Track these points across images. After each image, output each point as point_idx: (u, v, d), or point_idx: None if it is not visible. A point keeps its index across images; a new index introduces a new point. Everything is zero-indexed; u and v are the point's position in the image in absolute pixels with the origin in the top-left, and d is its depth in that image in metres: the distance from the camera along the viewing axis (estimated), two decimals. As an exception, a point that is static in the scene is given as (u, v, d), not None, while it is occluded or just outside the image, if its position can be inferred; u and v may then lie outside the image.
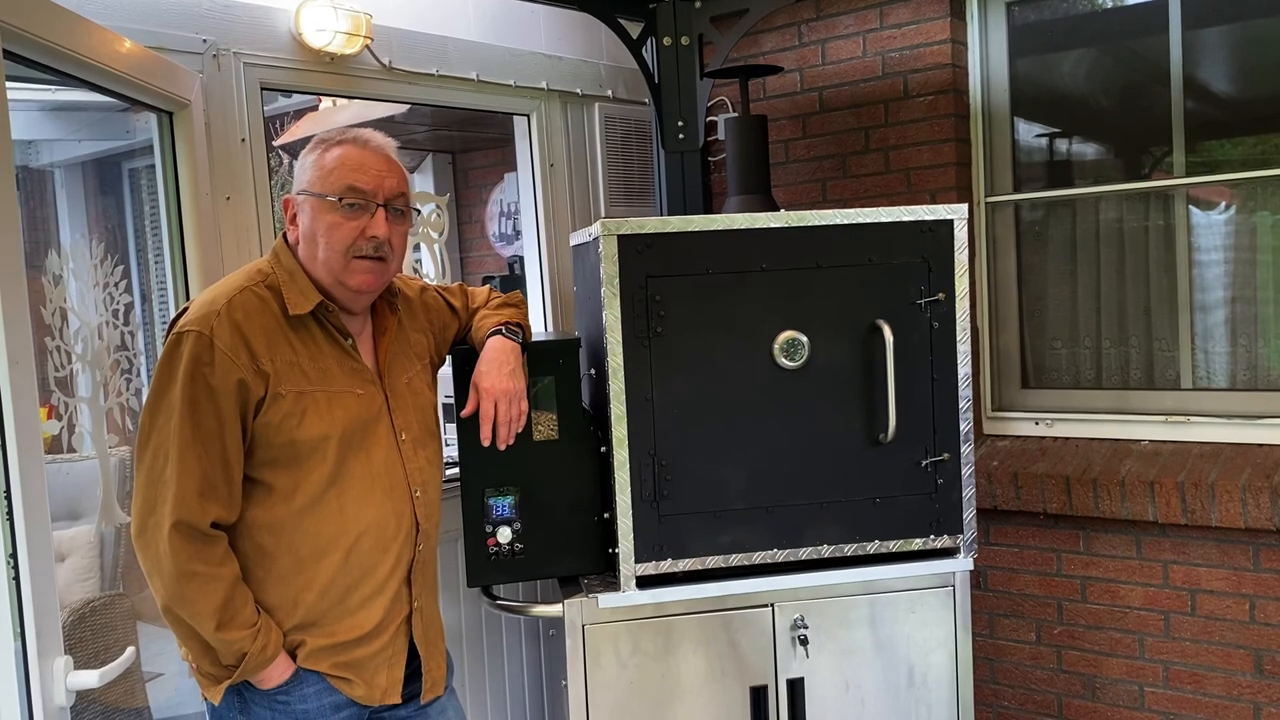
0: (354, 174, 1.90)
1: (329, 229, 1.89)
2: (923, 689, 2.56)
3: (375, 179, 1.91)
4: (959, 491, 2.50)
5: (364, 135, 1.96)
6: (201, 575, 1.78)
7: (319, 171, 1.91)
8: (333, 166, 1.90)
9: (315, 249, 1.91)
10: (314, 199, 1.91)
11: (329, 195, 1.89)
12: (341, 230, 1.89)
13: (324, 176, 1.90)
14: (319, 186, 1.90)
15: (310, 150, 1.95)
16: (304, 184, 1.93)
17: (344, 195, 1.89)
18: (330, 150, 1.92)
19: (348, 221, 1.89)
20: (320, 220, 1.90)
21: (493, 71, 3.28)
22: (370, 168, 1.92)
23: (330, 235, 1.89)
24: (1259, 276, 3.10)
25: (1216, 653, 2.97)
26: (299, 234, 1.94)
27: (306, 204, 1.92)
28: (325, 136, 1.96)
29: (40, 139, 4.24)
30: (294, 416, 1.85)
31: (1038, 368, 3.44)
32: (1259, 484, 2.77)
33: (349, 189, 1.89)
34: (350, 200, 1.89)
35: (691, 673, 2.47)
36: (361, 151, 1.93)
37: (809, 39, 3.48)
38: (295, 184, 1.96)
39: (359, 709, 1.97)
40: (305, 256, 1.94)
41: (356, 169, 1.90)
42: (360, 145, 1.93)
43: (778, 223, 2.40)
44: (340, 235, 1.89)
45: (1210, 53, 3.14)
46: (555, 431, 2.41)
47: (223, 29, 2.66)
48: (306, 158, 1.94)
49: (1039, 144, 3.46)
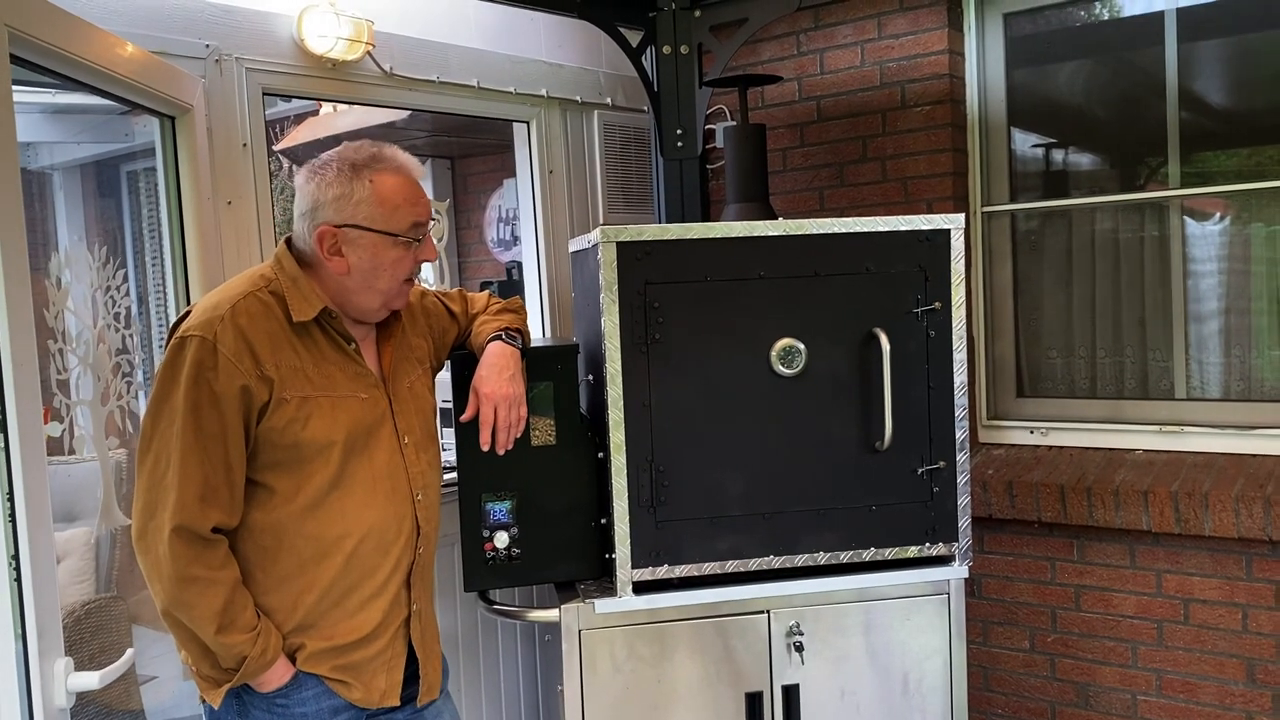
0: (416, 209, 1.94)
1: (395, 264, 1.93)
2: (917, 696, 2.57)
3: (427, 209, 1.97)
4: (954, 499, 2.51)
5: (402, 161, 1.95)
6: (202, 579, 1.78)
7: (380, 208, 1.89)
8: (397, 203, 1.90)
9: (374, 280, 1.92)
10: (379, 236, 1.90)
11: (400, 235, 1.91)
12: (405, 263, 1.95)
13: (388, 214, 1.90)
14: (384, 224, 1.90)
15: (353, 179, 1.89)
16: (361, 219, 1.88)
17: (411, 233, 1.93)
18: (380, 181, 1.89)
19: (409, 254, 1.94)
20: (385, 256, 1.91)
21: (493, 78, 3.30)
22: (422, 199, 1.97)
23: (396, 269, 1.93)
24: (1253, 288, 3.12)
25: (1209, 661, 2.98)
26: (347, 265, 1.90)
27: (365, 240, 1.89)
28: (360, 162, 1.90)
29: (39, 141, 4.24)
30: (298, 421, 1.86)
31: (1033, 377, 3.46)
32: (1252, 494, 2.79)
33: (414, 225, 1.94)
34: (417, 236, 1.94)
35: (687, 679, 2.47)
36: (412, 183, 1.95)
37: (807, 48, 3.51)
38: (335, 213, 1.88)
39: (357, 712, 1.97)
40: (355, 286, 1.92)
41: (415, 203, 1.94)
42: (408, 175, 1.95)
43: (776, 231, 2.41)
44: (404, 268, 1.95)
45: (1205, 65, 3.17)
46: (553, 437, 2.42)
47: (225, 34, 2.67)
48: (351, 187, 1.88)
49: (1035, 154, 3.48)
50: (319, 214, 1.90)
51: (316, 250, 1.91)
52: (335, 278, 1.92)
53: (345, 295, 1.94)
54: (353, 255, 1.90)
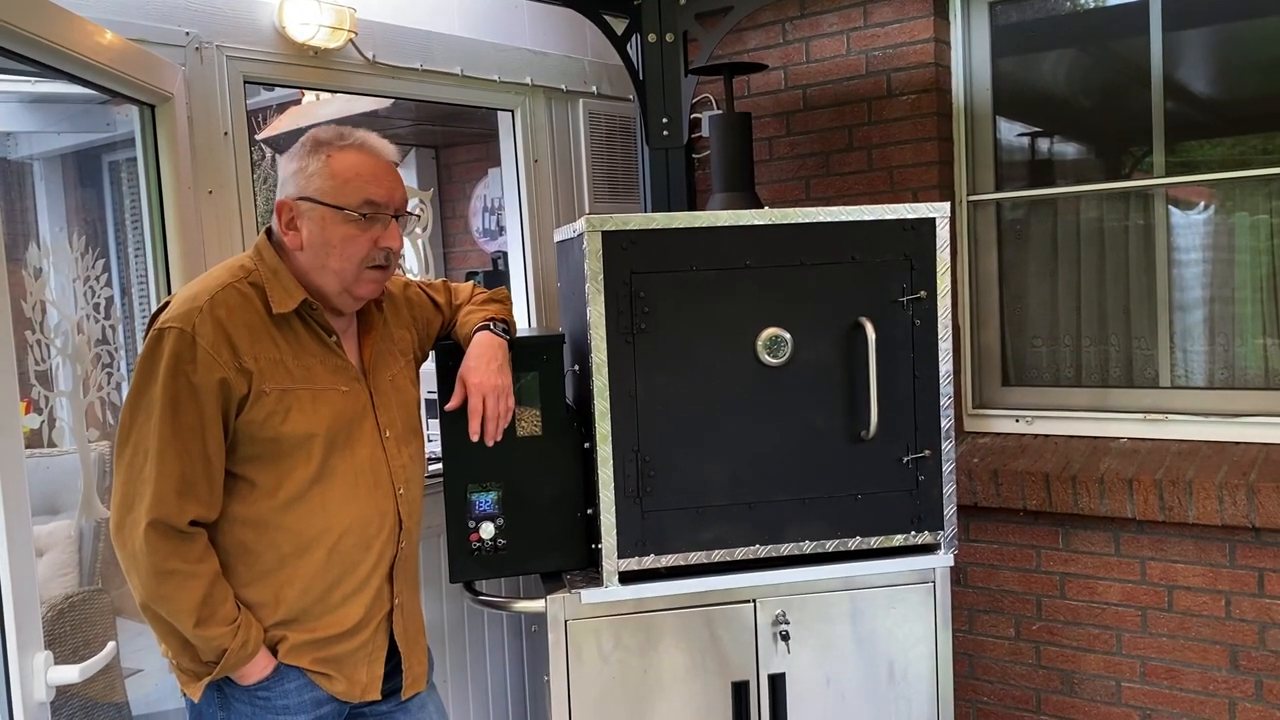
0: (370, 186, 1.88)
1: (344, 241, 1.88)
2: (903, 684, 2.57)
3: (389, 190, 1.91)
4: (940, 488, 2.51)
5: (370, 142, 1.93)
6: (180, 572, 1.77)
7: (331, 181, 1.86)
8: (347, 177, 1.87)
9: (324, 258, 1.88)
10: (327, 209, 1.87)
11: (346, 208, 1.87)
12: (357, 242, 1.88)
13: (338, 187, 1.86)
14: (333, 197, 1.86)
15: (311, 153, 1.89)
16: (312, 191, 1.87)
17: (361, 208, 1.88)
18: (339, 157, 1.88)
19: (363, 233, 1.88)
20: (334, 231, 1.87)
21: (477, 67, 3.27)
22: (383, 179, 1.91)
23: (346, 247, 1.88)
24: (1237, 276, 3.14)
25: (1193, 648, 3.00)
26: (300, 240, 1.89)
27: (315, 213, 1.87)
28: (324, 138, 1.90)
29: (19, 131, 4.20)
30: (278, 414, 1.84)
31: (1018, 365, 3.47)
32: (1235, 482, 2.80)
33: (366, 202, 1.88)
34: (367, 212, 1.88)
35: (674, 668, 2.48)
36: (374, 161, 1.91)
37: (793, 37, 3.49)
38: (294, 188, 1.89)
39: (339, 705, 1.96)
40: (309, 264, 1.90)
41: (371, 180, 1.89)
42: (371, 154, 1.91)
43: (762, 220, 2.41)
44: (356, 247, 1.88)
45: (1190, 54, 3.17)
46: (539, 427, 2.41)
47: (205, 21, 2.64)
48: (308, 161, 1.88)
49: (1021, 143, 3.48)
50: (281, 190, 1.91)
51: (277, 226, 1.91)
52: (294, 256, 1.91)
53: (305, 277, 1.91)
54: (305, 230, 1.89)
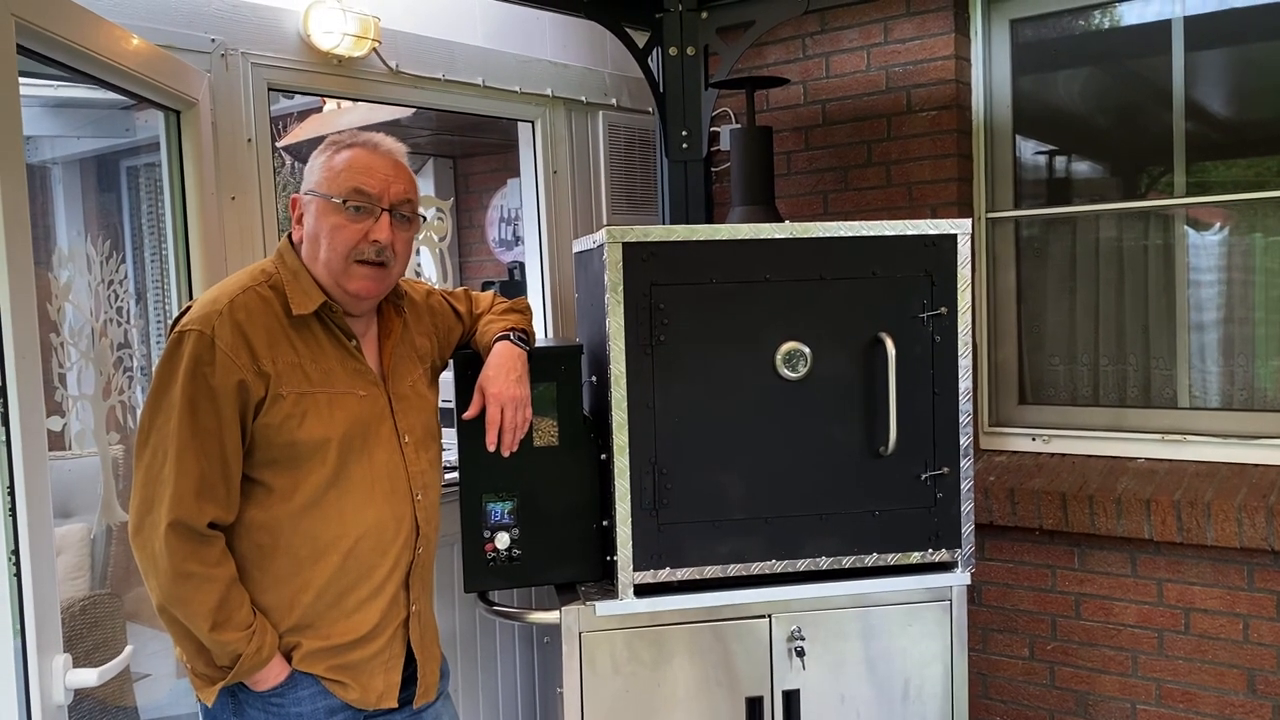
0: (360, 176, 1.90)
1: (332, 230, 1.89)
2: (917, 703, 2.56)
3: (382, 183, 1.91)
4: (957, 506, 2.50)
5: (374, 139, 1.96)
6: (197, 575, 1.77)
7: (327, 173, 1.91)
8: (341, 168, 1.90)
9: (317, 249, 1.91)
10: (320, 200, 1.91)
11: (334, 197, 1.89)
12: (345, 233, 1.89)
13: (331, 178, 1.90)
14: (325, 187, 1.90)
15: (321, 151, 1.95)
16: (311, 184, 1.93)
17: (349, 197, 1.89)
18: (340, 152, 1.93)
19: (351, 224, 1.89)
20: (324, 221, 1.90)
21: (498, 77, 3.29)
22: (377, 171, 1.92)
23: (333, 237, 1.89)
24: (1254, 297, 3.12)
25: (1209, 671, 2.97)
26: (304, 233, 1.94)
27: (312, 204, 1.92)
28: (337, 139, 1.96)
29: (40, 135, 4.23)
30: (294, 418, 1.85)
31: (1035, 384, 3.45)
32: (1254, 504, 2.79)
33: (354, 191, 1.89)
34: (355, 203, 1.89)
35: (687, 682, 2.46)
36: (370, 155, 1.93)
37: (813, 52, 3.50)
38: (304, 184, 1.96)
39: (353, 713, 1.95)
40: (308, 256, 1.93)
41: (363, 172, 1.91)
42: (370, 149, 1.94)
43: (782, 234, 2.41)
44: (343, 238, 1.89)
45: (1212, 75, 3.16)
46: (556, 438, 2.41)
47: (231, 29, 2.66)
48: (316, 159, 1.95)
49: (1040, 161, 3.48)
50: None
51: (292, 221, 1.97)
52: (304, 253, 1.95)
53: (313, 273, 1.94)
54: (307, 221, 1.94)
